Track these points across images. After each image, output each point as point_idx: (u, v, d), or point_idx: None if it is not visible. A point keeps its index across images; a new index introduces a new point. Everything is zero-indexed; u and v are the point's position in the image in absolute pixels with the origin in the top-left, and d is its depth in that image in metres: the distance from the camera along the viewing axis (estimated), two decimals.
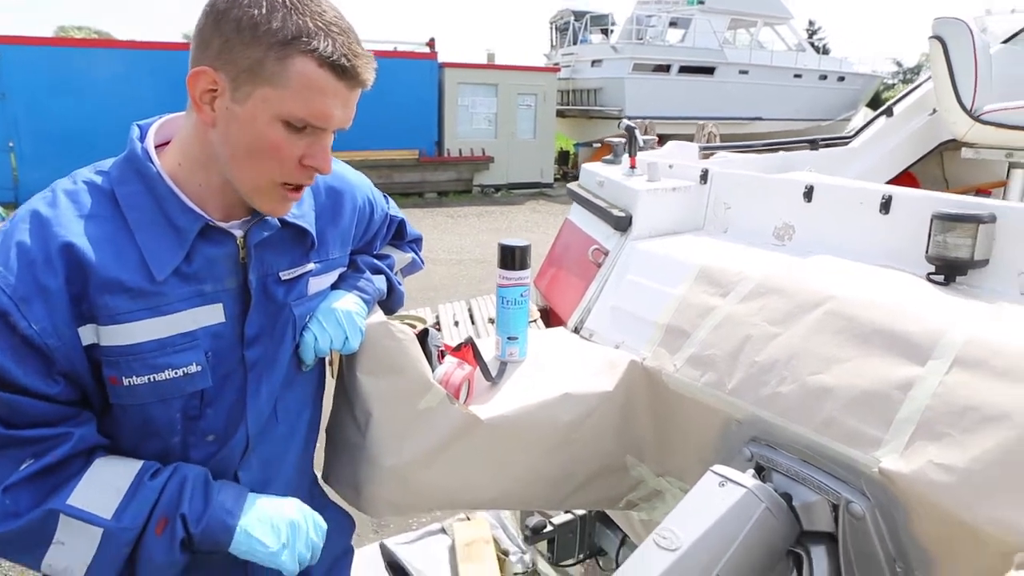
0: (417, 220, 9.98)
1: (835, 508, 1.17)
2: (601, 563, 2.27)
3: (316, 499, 1.29)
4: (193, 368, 1.02)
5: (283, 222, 1.09)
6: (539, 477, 1.39)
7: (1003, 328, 1.15)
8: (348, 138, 1.38)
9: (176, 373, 1.01)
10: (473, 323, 2.03)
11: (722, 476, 1.19)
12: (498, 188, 14.36)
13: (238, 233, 1.06)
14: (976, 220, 1.33)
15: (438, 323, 2.26)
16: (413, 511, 1.32)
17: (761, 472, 1.28)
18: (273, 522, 1.03)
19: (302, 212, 1.13)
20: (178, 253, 0.99)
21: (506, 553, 2.71)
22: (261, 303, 1.08)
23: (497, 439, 1.31)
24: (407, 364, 1.22)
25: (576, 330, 1.70)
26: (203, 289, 1.03)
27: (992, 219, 1.34)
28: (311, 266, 1.14)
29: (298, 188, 1.02)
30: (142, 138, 1.03)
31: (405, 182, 13.40)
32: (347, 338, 1.15)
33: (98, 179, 1.01)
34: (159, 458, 1.05)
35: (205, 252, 1.02)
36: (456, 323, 1.99)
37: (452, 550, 2.73)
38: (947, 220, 1.36)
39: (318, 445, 1.31)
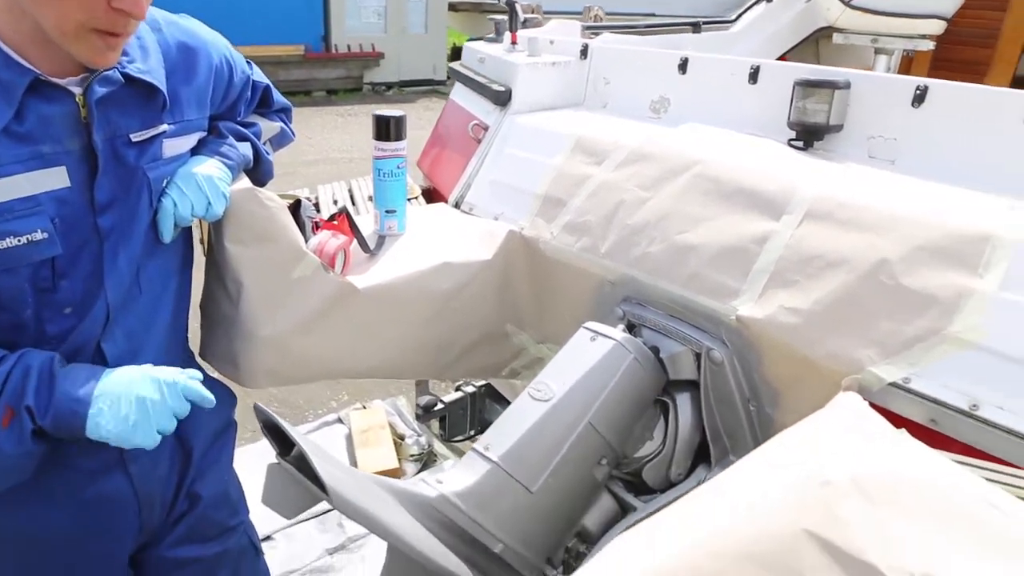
0: (306, 119, 9.55)
1: (698, 357, 1.25)
2: None
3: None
4: (38, 235, 0.96)
5: (128, 78, 1.01)
6: (420, 345, 1.41)
7: (849, 185, 1.22)
8: (227, 32, 1.28)
9: (19, 241, 0.95)
10: (353, 203, 1.99)
11: (593, 331, 1.25)
12: (389, 86, 13.87)
13: (76, 90, 0.98)
14: (832, 86, 1.39)
15: (317, 203, 2.20)
16: (293, 380, 1.32)
17: (632, 329, 1.34)
18: (120, 404, 0.99)
19: (148, 68, 1.05)
20: (5, 111, 0.91)
21: (402, 437, 2.78)
22: (111, 167, 1.02)
23: (376, 308, 1.32)
24: (277, 232, 1.19)
25: (456, 205, 1.70)
26: (40, 151, 0.95)
27: (847, 85, 1.40)
28: (164, 127, 1.07)
29: (115, 35, 0.94)
30: None
31: (292, 80, 12.71)
32: (210, 204, 1.10)
33: None
34: (13, 332, 0.99)
35: (38, 110, 0.94)
36: (335, 202, 1.94)
37: (349, 438, 2.77)
38: (807, 86, 1.41)
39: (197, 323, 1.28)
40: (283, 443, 0.96)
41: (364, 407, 2.93)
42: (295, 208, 1.30)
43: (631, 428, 1.25)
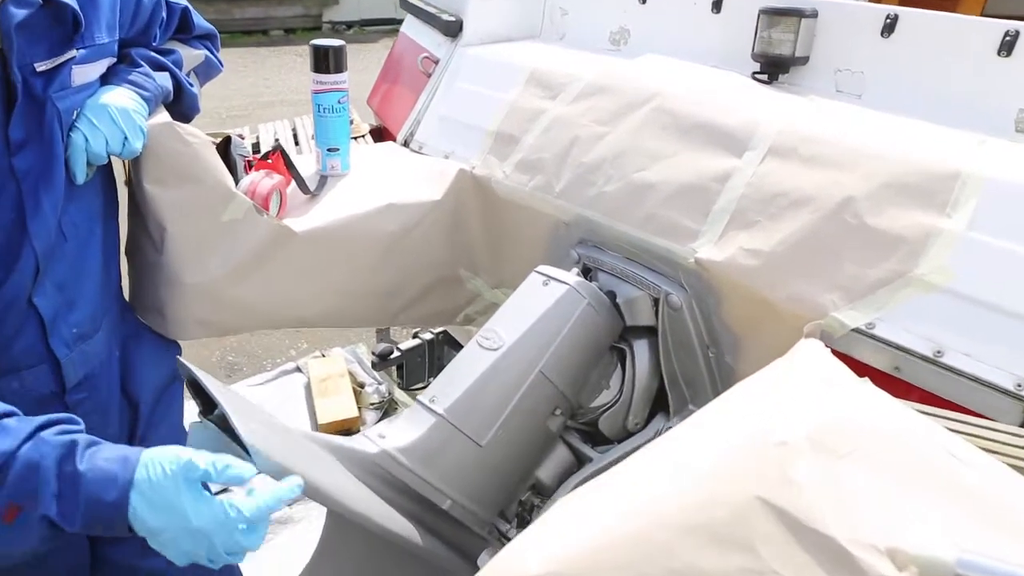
0: (262, 60, 9.19)
1: (656, 302, 1.20)
2: None
3: (128, 325, 1.18)
4: None
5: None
6: (367, 291, 1.34)
7: (814, 119, 1.16)
8: None
9: None
10: (297, 143, 1.88)
11: (545, 275, 1.18)
12: (350, 25, 13.40)
13: None
14: (799, 14, 1.32)
15: (258, 143, 2.07)
16: (229, 331, 1.25)
17: (588, 273, 1.28)
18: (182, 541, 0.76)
19: None
20: None
21: (362, 385, 2.72)
22: (24, 101, 0.91)
23: (316, 252, 1.23)
24: (201, 171, 1.09)
25: (405, 143, 1.60)
26: None
27: (814, 14, 1.33)
28: (74, 53, 0.96)
29: None
30: None
31: (247, 18, 12.19)
32: (126, 139, 1.00)
33: None
34: None
35: None
36: (276, 140, 1.83)
37: (308, 387, 2.70)
38: (772, 15, 1.33)
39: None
40: (207, 400, 0.89)
41: (323, 355, 2.86)
42: (225, 146, 1.21)
43: (586, 377, 1.20)
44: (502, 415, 1.08)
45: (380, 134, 1.84)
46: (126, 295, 1.21)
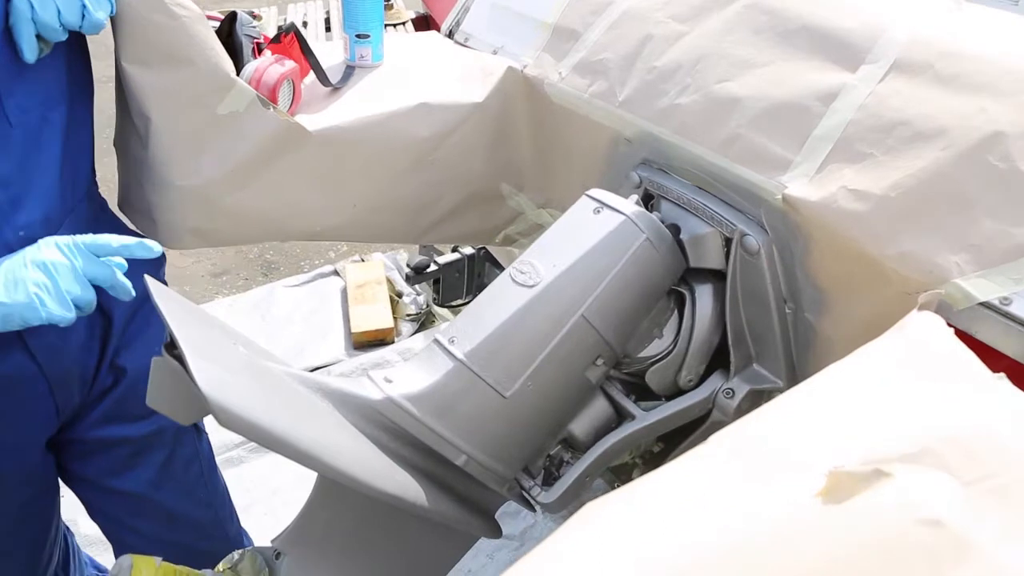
0: None
1: (727, 242, 1.00)
2: None
3: (102, 226, 1.04)
4: None
5: None
6: (391, 204, 1.17)
7: (959, 28, 0.91)
8: None
9: None
10: (328, 30, 1.67)
11: (598, 201, 0.99)
12: None
13: None
14: None
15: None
16: (228, 242, 1.10)
17: (649, 201, 1.09)
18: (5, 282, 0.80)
19: None
20: None
21: (400, 295, 2.60)
22: None
23: (333, 156, 1.06)
24: (193, 51, 0.91)
25: (450, 34, 1.39)
26: None
27: None
28: None
29: None
30: None
31: None
32: (85, 8, 0.82)
33: None
34: None
35: None
36: (305, 24, 1.63)
37: (344, 293, 2.60)
38: None
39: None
40: None
41: (362, 260, 2.74)
42: (229, 24, 1.02)
43: (637, 324, 1.02)
44: (532, 364, 0.92)
45: (426, 23, 1.62)
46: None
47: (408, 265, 1.86)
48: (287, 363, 0.82)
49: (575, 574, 0.47)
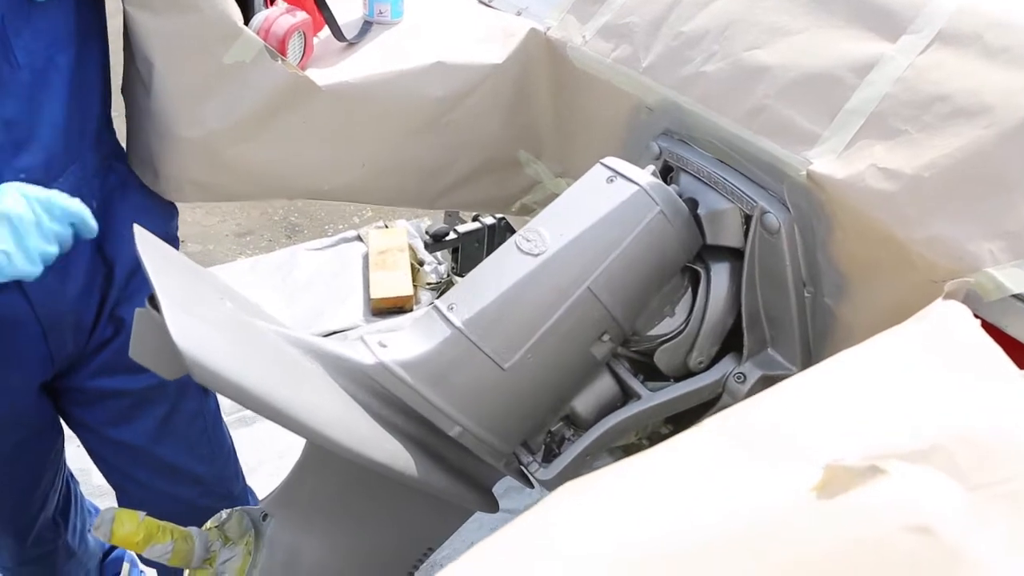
0: None
1: (747, 219, 0.95)
2: None
3: (115, 176, 1.02)
4: None
5: None
6: (402, 165, 1.14)
7: None
8: None
9: None
10: None
11: (612, 170, 0.95)
12: None
13: None
14: None
15: None
16: (232, 197, 1.08)
17: (668, 173, 1.04)
18: None
19: None
20: None
21: (421, 263, 2.58)
22: None
23: (342, 113, 1.03)
24: None
25: None
26: None
27: None
28: None
29: None
30: None
31: None
32: None
33: None
34: None
35: None
36: None
37: (366, 258, 2.59)
38: None
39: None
40: None
41: (386, 226, 2.72)
42: None
43: (646, 300, 0.98)
44: (534, 336, 0.88)
45: None
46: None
47: (427, 232, 1.84)
48: (280, 321, 0.79)
49: (549, 549, 0.44)
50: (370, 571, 0.96)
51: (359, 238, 2.64)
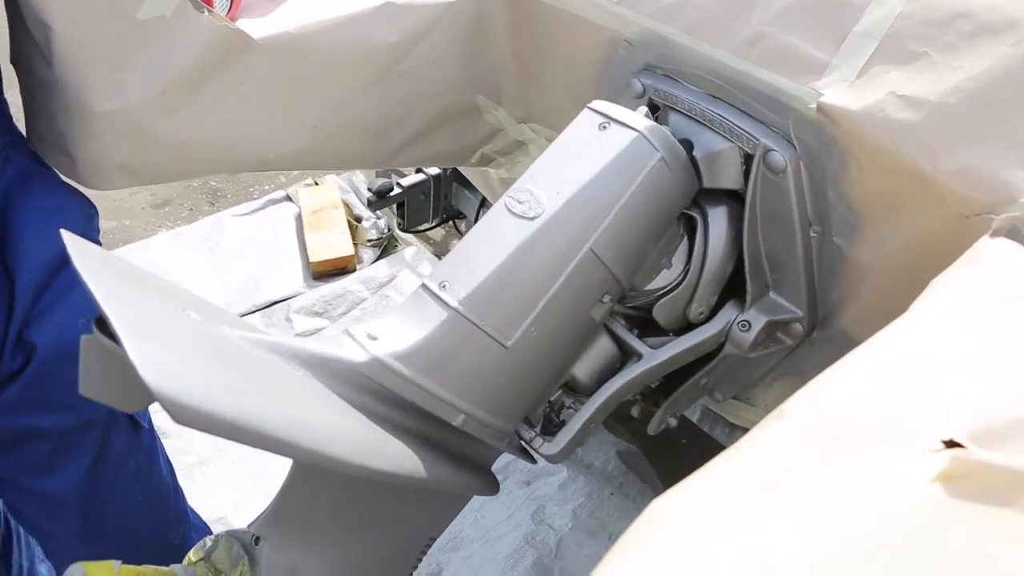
0: None
1: (747, 159, 0.88)
2: (460, 228, 2.03)
3: (13, 167, 0.85)
4: None
5: None
6: (354, 124, 1.01)
7: None
8: None
9: None
10: None
11: (603, 115, 0.85)
12: None
13: None
14: None
15: None
16: (167, 177, 0.94)
17: (655, 113, 0.95)
18: None
19: None
20: None
21: (358, 219, 2.44)
22: None
23: (283, 69, 0.90)
24: None
25: None
26: None
27: None
28: None
29: None
30: None
31: None
32: None
33: None
34: None
35: None
36: None
37: (299, 219, 2.43)
38: None
39: None
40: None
41: (316, 183, 2.55)
42: None
43: (645, 255, 0.91)
44: (536, 307, 0.80)
45: None
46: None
47: (369, 189, 1.71)
48: (250, 325, 0.68)
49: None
50: (376, 574, 0.89)
51: (288, 198, 2.47)
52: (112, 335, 0.55)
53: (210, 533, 1.35)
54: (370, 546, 0.86)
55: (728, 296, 0.98)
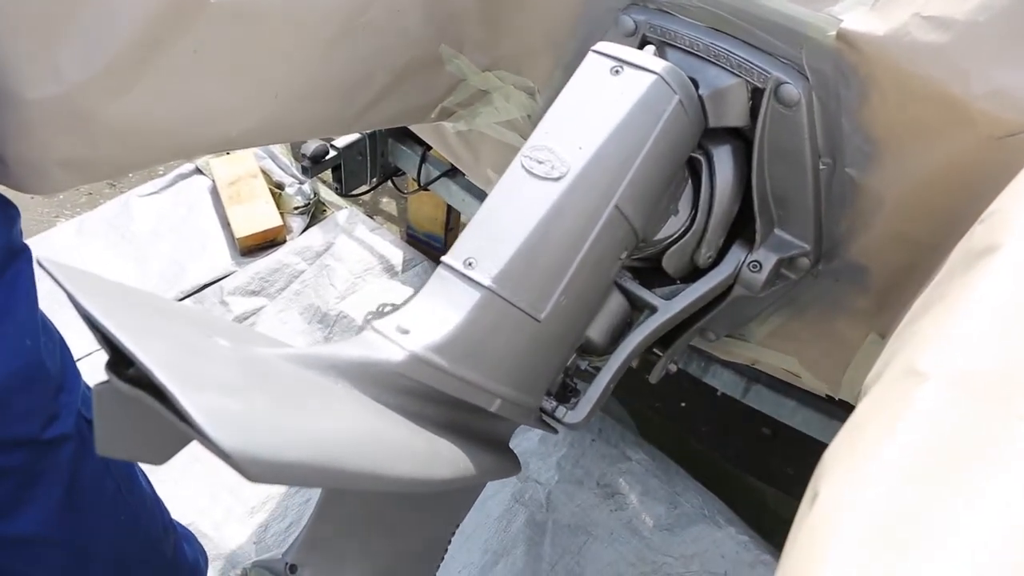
0: None
1: (754, 95, 0.84)
2: (399, 185, 1.92)
3: None
4: None
5: None
6: (318, 88, 0.91)
7: None
8: None
9: None
10: None
11: (613, 58, 0.79)
12: None
13: None
14: None
15: None
16: (119, 170, 0.81)
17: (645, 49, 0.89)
18: None
19: None
20: None
21: (280, 187, 2.28)
22: None
23: (242, 32, 0.78)
24: None
25: None
26: None
27: None
28: None
29: None
30: None
31: None
32: None
33: None
34: None
35: None
36: None
37: (215, 193, 2.23)
38: None
39: None
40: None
41: (227, 152, 2.35)
42: None
43: (660, 204, 0.86)
44: (567, 274, 0.75)
45: None
46: None
47: (303, 155, 1.57)
48: (270, 339, 0.60)
49: None
50: (412, 572, 0.84)
51: (199, 170, 2.27)
52: (130, 379, 0.46)
53: (194, 539, 1.25)
54: (407, 545, 0.81)
55: (732, 238, 0.96)
